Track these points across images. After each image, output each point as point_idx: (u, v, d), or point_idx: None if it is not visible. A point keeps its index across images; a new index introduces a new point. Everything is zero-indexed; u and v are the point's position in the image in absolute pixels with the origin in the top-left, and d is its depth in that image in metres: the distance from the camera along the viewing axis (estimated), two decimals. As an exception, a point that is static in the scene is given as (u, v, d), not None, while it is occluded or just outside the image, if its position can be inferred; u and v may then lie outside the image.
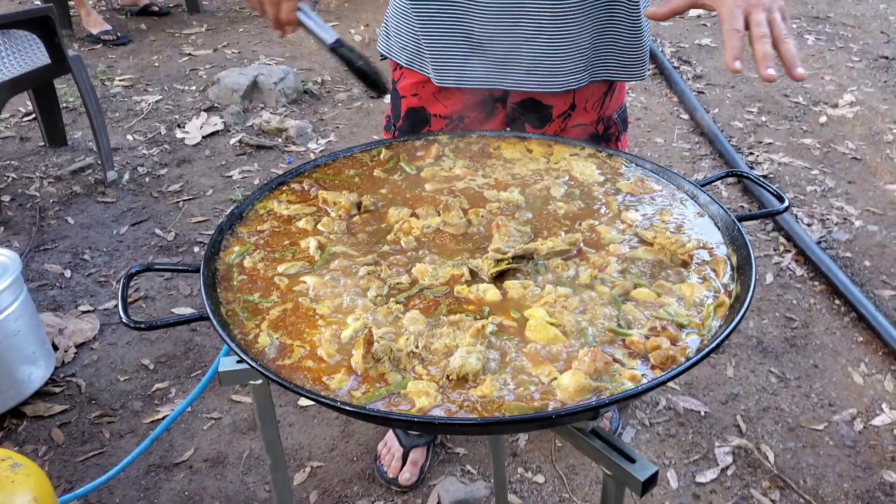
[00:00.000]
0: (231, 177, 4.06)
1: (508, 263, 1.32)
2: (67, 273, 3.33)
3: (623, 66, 1.92)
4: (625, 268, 1.33)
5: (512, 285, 1.29)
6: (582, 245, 1.38)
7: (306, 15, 1.58)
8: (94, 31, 5.76)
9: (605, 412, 2.45)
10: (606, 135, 2.03)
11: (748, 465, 2.45)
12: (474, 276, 1.33)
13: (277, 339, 1.19)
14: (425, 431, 2.35)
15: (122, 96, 4.98)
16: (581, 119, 1.96)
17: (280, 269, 1.36)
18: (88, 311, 3.11)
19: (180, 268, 1.36)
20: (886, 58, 5.34)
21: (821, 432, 2.55)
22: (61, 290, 3.23)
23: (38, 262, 3.39)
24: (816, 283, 3.21)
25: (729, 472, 2.42)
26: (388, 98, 2.01)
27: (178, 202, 3.84)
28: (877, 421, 2.58)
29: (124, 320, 1.18)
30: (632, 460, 1.15)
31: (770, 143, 4.30)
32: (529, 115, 1.94)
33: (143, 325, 1.20)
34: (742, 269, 1.28)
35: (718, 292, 1.26)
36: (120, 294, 1.23)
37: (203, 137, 4.42)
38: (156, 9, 6.28)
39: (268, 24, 1.61)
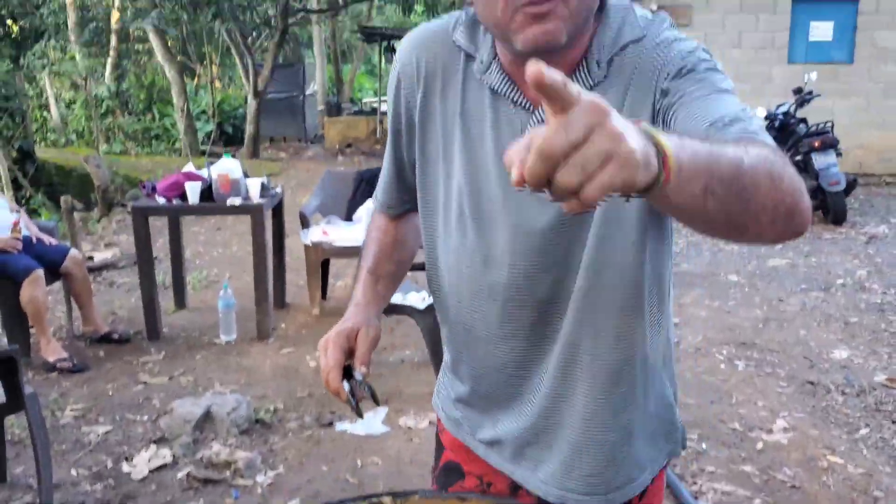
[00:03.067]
0: (175, 515, 3.98)
1: None
2: None
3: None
4: None
5: None
6: None
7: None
8: (51, 359, 5.86)
9: None
10: None
11: None
12: None
13: None
14: None
15: (71, 427, 4.97)
16: None
17: None
18: None
19: None
20: (812, 383, 5.66)
21: None
22: None
23: None
24: None
25: None
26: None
27: (117, 543, 3.72)
28: None
29: None
30: None
31: (712, 472, 4.40)
32: None
33: None
34: None
35: None
36: None
37: (150, 471, 4.38)
38: (116, 336, 6.47)
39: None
